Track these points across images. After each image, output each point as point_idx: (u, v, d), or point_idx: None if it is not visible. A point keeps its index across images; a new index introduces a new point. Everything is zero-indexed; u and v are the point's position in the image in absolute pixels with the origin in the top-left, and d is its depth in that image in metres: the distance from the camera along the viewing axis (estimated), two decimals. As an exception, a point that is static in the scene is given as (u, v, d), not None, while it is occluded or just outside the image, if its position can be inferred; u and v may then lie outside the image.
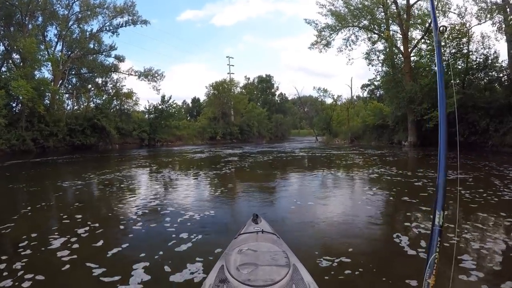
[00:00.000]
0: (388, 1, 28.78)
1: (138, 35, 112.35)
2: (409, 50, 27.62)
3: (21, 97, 30.37)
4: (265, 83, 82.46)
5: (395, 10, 28.50)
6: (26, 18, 37.16)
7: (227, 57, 63.86)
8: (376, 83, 60.42)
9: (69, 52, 41.66)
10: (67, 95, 43.00)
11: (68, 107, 41.38)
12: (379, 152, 21.55)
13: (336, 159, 17.81)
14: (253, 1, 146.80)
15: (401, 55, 28.11)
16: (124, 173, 12.45)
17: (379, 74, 30.91)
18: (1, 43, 35.94)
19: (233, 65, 63.26)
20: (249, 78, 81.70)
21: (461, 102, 22.66)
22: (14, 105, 32.89)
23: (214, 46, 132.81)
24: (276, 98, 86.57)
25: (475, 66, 25.22)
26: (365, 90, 59.70)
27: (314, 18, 32.51)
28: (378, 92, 57.75)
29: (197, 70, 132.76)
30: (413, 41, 28.20)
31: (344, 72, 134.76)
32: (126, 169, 13.73)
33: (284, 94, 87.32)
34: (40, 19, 40.15)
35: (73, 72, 44.29)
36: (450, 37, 24.31)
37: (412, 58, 27.70)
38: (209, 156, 21.04)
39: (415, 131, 26.64)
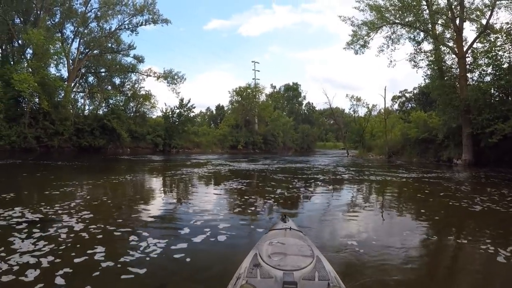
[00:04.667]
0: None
1: (164, 42, 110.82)
2: (465, 49, 23.35)
3: (30, 91, 27.89)
4: (292, 91, 78.90)
5: (444, 3, 24.43)
6: (41, 13, 35.16)
7: (252, 61, 60.68)
8: (407, 95, 57.15)
9: (87, 50, 39.31)
10: (81, 94, 40.78)
11: (81, 106, 38.97)
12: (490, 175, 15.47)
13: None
14: (279, 12, 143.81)
15: (454, 56, 23.83)
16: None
17: (428, 78, 26.64)
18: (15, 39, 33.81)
19: (258, 71, 60.05)
20: (275, 87, 78.55)
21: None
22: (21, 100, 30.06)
23: (240, 55, 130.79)
24: (303, 108, 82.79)
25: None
26: (396, 102, 56.05)
27: (349, 15, 28.54)
28: (410, 105, 53.85)
29: (223, 78, 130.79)
30: (467, 40, 23.96)
31: (371, 85, 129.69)
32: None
33: (312, 103, 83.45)
34: (58, 16, 38.34)
35: (92, 71, 42.01)
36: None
37: (467, 59, 23.35)
38: (214, 172, 15.52)
39: (471, 147, 22.20)
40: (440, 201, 8.23)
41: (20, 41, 33.79)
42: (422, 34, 25.82)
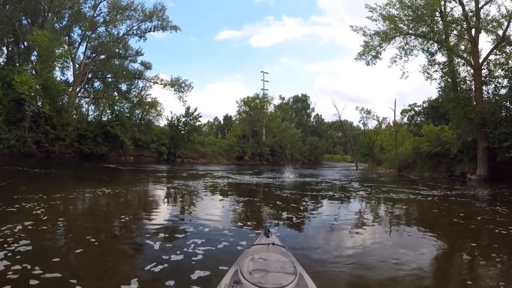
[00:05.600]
0: (447, 6, 23.81)
1: (175, 51, 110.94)
2: (480, 61, 22.17)
3: (32, 94, 27.29)
4: (301, 102, 77.92)
5: (459, 14, 23.40)
6: (49, 14, 34.68)
7: (261, 71, 59.63)
8: (416, 108, 55.71)
9: (94, 55, 38.76)
10: (87, 99, 40.17)
11: (85, 112, 38.38)
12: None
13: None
14: (289, 24, 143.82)
15: (469, 67, 22.69)
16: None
17: (442, 90, 25.49)
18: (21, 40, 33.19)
19: (267, 81, 59.13)
20: (283, 98, 77.57)
21: None
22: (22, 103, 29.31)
23: (251, 66, 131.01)
24: (312, 120, 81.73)
25: None
26: (405, 116, 54.97)
27: (362, 25, 27.58)
28: (419, 118, 52.61)
29: (233, 89, 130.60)
30: (482, 52, 22.82)
31: (379, 98, 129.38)
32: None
33: (320, 115, 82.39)
34: (66, 19, 37.92)
35: (99, 76, 41.36)
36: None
37: (483, 71, 22.19)
38: (211, 186, 13.77)
39: (486, 162, 20.99)
40: (484, 229, 6.97)
41: (26, 43, 33.20)
42: (436, 45, 24.73)
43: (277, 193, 12.21)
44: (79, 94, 38.47)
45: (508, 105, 20.91)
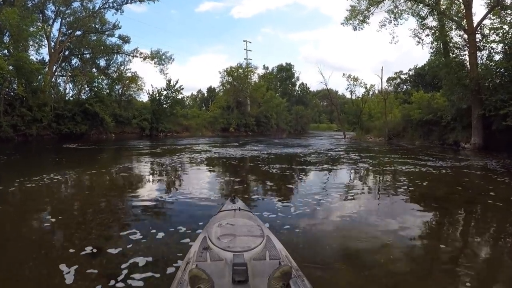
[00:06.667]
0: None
1: (155, 25, 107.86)
2: (474, 25, 21.39)
3: (4, 76, 25.45)
4: (285, 71, 76.48)
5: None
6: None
7: (244, 41, 57.97)
8: (402, 76, 55.40)
9: (69, 31, 36.82)
10: (64, 78, 38.35)
11: (63, 91, 36.69)
12: None
13: None
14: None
15: (463, 32, 21.91)
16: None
17: (434, 55, 24.80)
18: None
19: (250, 50, 57.75)
20: (267, 68, 76.02)
21: None
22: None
23: (233, 37, 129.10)
24: (297, 89, 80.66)
25: None
26: (391, 84, 54.85)
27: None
28: (405, 86, 52.62)
29: (215, 61, 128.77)
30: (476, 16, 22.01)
31: (364, 67, 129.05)
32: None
33: (306, 84, 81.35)
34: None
35: (76, 53, 39.39)
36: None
37: (477, 36, 21.43)
38: (186, 163, 12.74)
39: (481, 130, 20.58)
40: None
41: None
42: (426, 9, 23.92)
43: (265, 168, 11.13)
44: (55, 73, 36.59)
45: (503, 72, 20.33)
